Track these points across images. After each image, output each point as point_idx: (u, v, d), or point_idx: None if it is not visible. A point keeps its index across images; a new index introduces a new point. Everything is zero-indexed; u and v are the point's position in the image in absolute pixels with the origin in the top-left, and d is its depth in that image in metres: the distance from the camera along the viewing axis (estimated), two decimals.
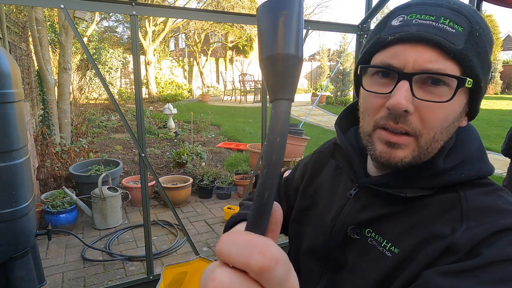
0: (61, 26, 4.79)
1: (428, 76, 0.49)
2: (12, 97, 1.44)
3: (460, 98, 0.51)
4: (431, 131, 0.51)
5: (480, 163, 0.55)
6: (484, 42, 0.50)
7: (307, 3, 20.27)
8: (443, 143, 0.54)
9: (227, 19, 2.32)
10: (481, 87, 0.52)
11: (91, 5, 1.81)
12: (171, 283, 1.95)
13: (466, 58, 0.48)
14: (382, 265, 0.55)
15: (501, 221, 0.48)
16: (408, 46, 0.49)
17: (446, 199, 0.54)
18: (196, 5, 15.59)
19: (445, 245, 0.49)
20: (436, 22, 0.48)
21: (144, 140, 2.01)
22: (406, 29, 0.49)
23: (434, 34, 0.47)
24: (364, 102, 0.57)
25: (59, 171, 3.77)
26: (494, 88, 19.50)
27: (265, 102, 2.38)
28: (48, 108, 4.56)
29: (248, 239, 0.24)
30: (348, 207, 0.64)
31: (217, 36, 18.06)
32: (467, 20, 0.49)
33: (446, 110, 0.50)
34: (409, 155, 0.52)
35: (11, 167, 1.45)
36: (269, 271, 0.23)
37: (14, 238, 1.50)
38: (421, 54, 0.48)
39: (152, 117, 8.85)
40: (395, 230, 0.56)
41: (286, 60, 0.26)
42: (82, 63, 8.58)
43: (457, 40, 0.48)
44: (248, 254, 0.23)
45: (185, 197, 3.86)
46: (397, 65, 0.50)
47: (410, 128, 0.51)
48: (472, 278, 0.45)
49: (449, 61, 0.48)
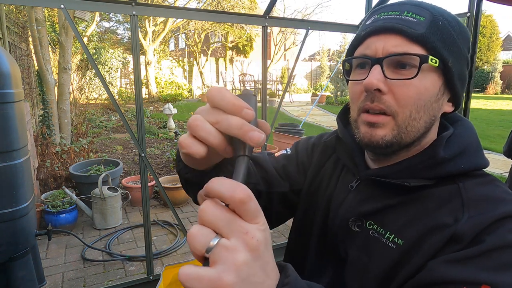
0: (61, 26, 4.79)
1: (396, 60, 0.54)
2: (12, 97, 1.44)
3: (431, 77, 0.55)
4: (406, 109, 0.55)
5: (477, 156, 0.58)
6: (449, 30, 0.55)
7: (307, 3, 20.24)
8: (424, 124, 0.57)
9: (227, 19, 2.32)
10: (450, 68, 0.55)
11: (91, 5, 1.81)
12: (171, 283, 1.94)
13: (428, 40, 0.53)
14: (387, 256, 0.56)
15: (501, 209, 0.50)
16: (377, 37, 0.56)
17: (446, 190, 0.56)
18: (196, 5, 15.59)
19: (449, 234, 0.50)
20: (400, 15, 0.55)
21: (144, 140, 2.01)
22: (374, 24, 0.57)
23: (396, 23, 0.54)
24: (349, 93, 0.63)
25: (59, 171, 3.77)
26: (494, 88, 19.49)
27: (265, 102, 2.38)
28: (48, 108, 4.56)
29: (230, 182, 0.32)
30: (349, 200, 0.65)
31: (217, 36, 18.06)
32: (429, 12, 0.55)
33: (416, 88, 0.54)
34: (388, 134, 0.56)
35: (11, 167, 1.45)
36: (246, 203, 0.31)
37: (14, 238, 1.50)
38: (387, 41, 0.55)
39: (152, 117, 8.85)
40: (398, 221, 0.57)
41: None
42: (82, 63, 8.58)
43: (418, 27, 0.53)
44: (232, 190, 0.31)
45: (185, 197, 3.85)
46: (370, 53, 0.56)
47: (385, 107, 0.55)
48: (474, 265, 0.46)
49: (413, 44, 0.54)
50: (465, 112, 2.05)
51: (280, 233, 3.25)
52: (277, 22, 2.46)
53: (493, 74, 19.65)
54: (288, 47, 17.64)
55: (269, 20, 2.25)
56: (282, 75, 17.04)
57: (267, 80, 2.39)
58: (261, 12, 2.96)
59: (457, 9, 16.48)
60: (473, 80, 2.03)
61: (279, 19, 2.83)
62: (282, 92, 12.87)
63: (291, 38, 17.78)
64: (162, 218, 3.51)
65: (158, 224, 3.38)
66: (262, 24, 2.23)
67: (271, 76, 16.26)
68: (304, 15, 16.21)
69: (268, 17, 2.24)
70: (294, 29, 14.03)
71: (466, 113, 2.05)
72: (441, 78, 0.56)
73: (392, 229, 0.57)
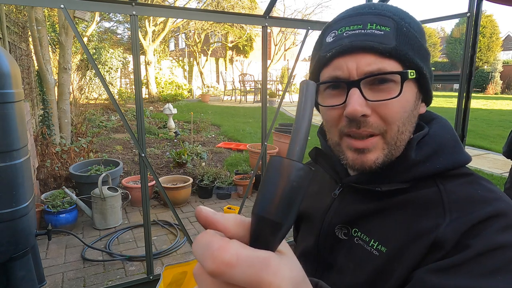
0: (61, 26, 4.79)
1: (373, 78, 0.52)
2: (12, 97, 1.44)
3: (410, 88, 0.54)
4: (394, 126, 0.53)
5: (454, 153, 0.56)
6: (414, 34, 0.54)
7: (307, 3, 20.22)
8: (409, 134, 0.56)
9: (227, 19, 2.32)
10: (425, 74, 0.55)
11: (91, 5, 1.81)
12: (171, 283, 1.95)
13: (401, 53, 0.51)
14: (370, 264, 0.55)
15: (483, 210, 0.48)
16: (346, 57, 0.53)
17: (427, 194, 0.54)
18: (196, 5, 15.59)
19: (431, 241, 0.49)
20: (364, 29, 0.52)
21: (144, 140, 2.01)
22: (339, 43, 0.53)
23: (365, 41, 0.51)
24: (324, 117, 0.60)
25: (59, 171, 3.77)
26: (494, 88, 19.50)
27: (265, 102, 2.38)
28: (48, 108, 4.56)
29: (207, 241, 0.25)
30: (334, 207, 0.65)
31: (217, 36, 18.06)
32: (391, 20, 0.53)
33: (400, 103, 0.53)
34: (380, 155, 0.55)
35: (11, 167, 1.45)
36: (221, 275, 0.23)
37: (14, 238, 1.50)
38: (359, 61, 0.52)
39: (152, 117, 8.85)
40: (381, 228, 0.56)
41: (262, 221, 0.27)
42: (82, 63, 8.59)
43: (387, 40, 0.51)
44: (203, 257, 0.24)
45: (185, 197, 3.86)
46: (342, 76, 0.53)
47: (373, 129, 0.53)
48: (465, 272, 0.45)
49: (386, 59, 0.52)
50: (465, 112, 2.05)
51: None
52: (277, 22, 2.46)
53: (493, 74, 19.66)
54: (288, 47, 17.63)
55: (269, 20, 2.25)
56: (282, 75, 17.03)
57: (267, 80, 2.39)
58: (261, 12, 2.95)
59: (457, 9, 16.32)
60: (473, 80, 2.03)
61: (279, 19, 2.83)
62: (282, 92, 12.88)
63: (291, 38, 17.77)
64: (162, 218, 3.51)
65: (158, 224, 3.38)
66: (262, 24, 2.23)
67: (271, 76, 16.26)
68: (304, 15, 16.21)
69: (268, 17, 2.24)
70: (294, 29, 14.03)
71: (466, 113, 2.05)
72: (416, 85, 0.56)
73: (376, 237, 0.56)
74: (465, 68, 1.99)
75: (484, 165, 5.58)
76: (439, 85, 23.68)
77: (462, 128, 2.06)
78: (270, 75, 16.18)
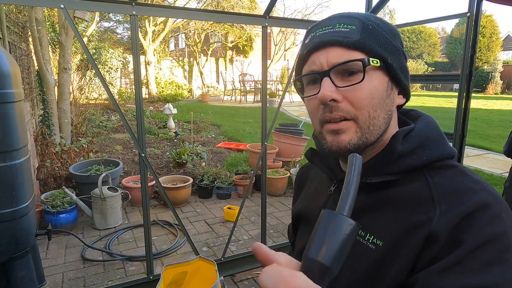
0: (61, 26, 4.79)
1: (342, 69, 0.58)
2: (12, 97, 1.44)
3: (378, 76, 0.59)
4: (364, 111, 0.58)
5: (439, 146, 0.60)
6: (380, 31, 0.60)
7: (307, 3, 20.21)
8: (384, 120, 0.60)
9: (227, 19, 2.33)
10: (391, 64, 0.60)
11: (91, 5, 1.81)
12: (171, 283, 1.95)
13: (365, 44, 0.57)
14: (367, 258, 0.57)
15: (470, 201, 0.51)
16: (318, 52, 0.60)
17: (417, 188, 0.57)
18: (196, 5, 15.59)
19: (425, 234, 0.52)
20: (333, 29, 0.59)
21: (144, 140, 2.01)
22: (313, 41, 0.61)
23: (332, 36, 0.59)
24: (307, 109, 0.66)
25: (59, 171, 3.77)
26: (494, 88, 19.50)
27: (265, 102, 2.38)
28: (48, 108, 4.56)
29: (278, 270, 0.33)
30: (330, 203, 0.68)
31: (217, 36, 18.06)
32: (358, 20, 0.59)
33: (367, 89, 0.58)
34: (354, 137, 0.59)
35: (11, 167, 1.45)
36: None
37: (14, 238, 1.50)
38: (329, 54, 0.59)
39: (152, 117, 8.85)
40: (375, 222, 0.58)
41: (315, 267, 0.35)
42: (82, 63, 8.58)
43: (352, 35, 0.58)
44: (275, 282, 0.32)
45: (185, 197, 3.86)
46: (316, 69, 0.60)
47: (344, 113, 0.59)
48: (468, 268, 0.47)
49: (353, 51, 0.58)
50: (465, 112, 2.05)
51: (280, 233, 3.25)
52: (277, 22, 2.46)
53: (493, 74, 19.66)
54: (288, 47, 17.63)
55: (269, 20, 2.25)
56: (282, 75, 17.03)
57: (267, 80, 2.39)
58: (261, 12, 2.96)
59: (457, 9, 16.32)
60: (473, 80, 2.03)
61: (279, 19, 2.83)
62: (282, 92, 12.86)
63: (291, 38, 17.77)
64: (162, 218, 3.51)
65: (158, 224, 3.38)
66: (262, 24, 2.23)
67: (271, 76, 16.26)
68: (304, 15, 16.21)
69: (268, 17, 2.25)
70: (294, 29, 14.02)
71: (466, 113, 2.05)
72: (386, 75, 0.60)
73: (371, 231, 0.58)
74: (465, 68, 1.99)
75: (484, 165, 5.58)
76: (439, 85, 23.66)
77: (462, 128, 2.06)
78: (270, 75, 16.18)
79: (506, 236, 0.49)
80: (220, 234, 3.21)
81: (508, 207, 0.53)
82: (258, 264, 2.69)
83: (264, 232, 2.65)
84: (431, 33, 27.41)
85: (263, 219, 2.60)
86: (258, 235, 3.07)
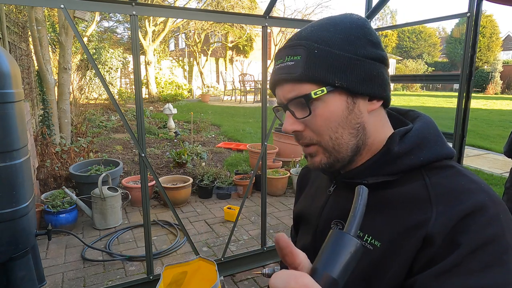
0: (61, 26, 4.79)
1: (297, 101, 0.60)
2: (12, 97, 1.44)
3: (331, 100, 0.59)
4: (324, 136, 0.61)
5: (437, 146, 0.60)
6: (329, 51, 0.58)
7: (307, 3, 20.20)
8: (350, 136, 0.61)
9: (227, 19, 2.33)
10: (341, 84, 0.58)
11: (91, 5, 1.81)
12: (171, 283, 1.95)
13: (308, 76, 0.58)
14: (365, 258, 0.57)
15: (467, 202, 0.51)
16: (277, 88, 0.64)
17: (415, 188, 0.57)
18: (196, 5, 15.60)
19: (422, 236, 0.52)
20: (283, 63, 0.61)
21: (144, 140, 2.01)
22: (273, 77, 0.64)
23: (281, 74, 0.61)
24: None
25: (59, 171, 3.77)
26: (494, 88, 19.51)
27: (265, 102, 2.38)
28: (48, 108, 4.56)
29: (288, 272, 0.37)
30: (329, 203, 0.70)
31: (217, 36, 18.06)
32: (303, 48, 0.59)
33: (322, 117, 0.60)
34: (323, 158, 0.63)
35: (11, 167, 1.45)
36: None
37: (14, 238, 1.50)
38: (283, 90, 0.62)
39: (152, 117, 8.85)
40: (373, 223, 0.58)
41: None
42: (82, 63, 8.58)
43: (296, 69, 0.59)
44: (286, 281, 0.36)
45: (185, 197, 3.86)
46: (279, 102, 0.65)
47: (308, 140, 0.63)
48: (466, 271, 0.47)
49: (302, 84, 0.59)
50: (465, 112, 2.05)
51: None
52: (277, 22, 2.46)
53: (493, 74, 19.66)
54: None
55: (269, 20, 2.25)
56: None
57: (267, 80, 2.39)
58: (261, 12, 2.96)
59: (457, 9, 16.32)
60: (473, 80, 2.03)
61: (279, 19, 2.83)
62: None
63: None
64: (162, 218, 3.51)
65: (158, 224, 3.38)
66: (262, 24, 2.23)
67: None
68: (304, 15, 16.21)
69: (268, 17, 2.25)
70: (294, 29, 14.04)
71: (466, 113, 2.05)
72: (343, 93, 0.59)
73: (369, 231, 0.58)
74: (465, 68, 1.99)
75: (484, 165, 5.58)
76: (439, 85, 23.66)
77: (462, 128, 2.06)
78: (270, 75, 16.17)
79: (504, 237, 0.49)
80: (220, 234, 3.21)
81: (506, 208, 0.53)
82: (258, 264, 2.69)
83: (264, 232, 2.65)
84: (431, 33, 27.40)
85: (263, 219, 2.60)
86: (258, 235, 3.06)
